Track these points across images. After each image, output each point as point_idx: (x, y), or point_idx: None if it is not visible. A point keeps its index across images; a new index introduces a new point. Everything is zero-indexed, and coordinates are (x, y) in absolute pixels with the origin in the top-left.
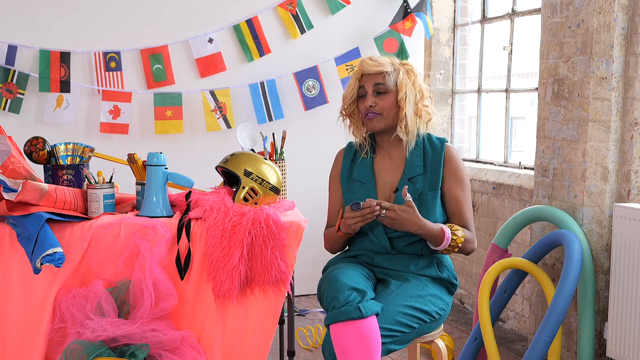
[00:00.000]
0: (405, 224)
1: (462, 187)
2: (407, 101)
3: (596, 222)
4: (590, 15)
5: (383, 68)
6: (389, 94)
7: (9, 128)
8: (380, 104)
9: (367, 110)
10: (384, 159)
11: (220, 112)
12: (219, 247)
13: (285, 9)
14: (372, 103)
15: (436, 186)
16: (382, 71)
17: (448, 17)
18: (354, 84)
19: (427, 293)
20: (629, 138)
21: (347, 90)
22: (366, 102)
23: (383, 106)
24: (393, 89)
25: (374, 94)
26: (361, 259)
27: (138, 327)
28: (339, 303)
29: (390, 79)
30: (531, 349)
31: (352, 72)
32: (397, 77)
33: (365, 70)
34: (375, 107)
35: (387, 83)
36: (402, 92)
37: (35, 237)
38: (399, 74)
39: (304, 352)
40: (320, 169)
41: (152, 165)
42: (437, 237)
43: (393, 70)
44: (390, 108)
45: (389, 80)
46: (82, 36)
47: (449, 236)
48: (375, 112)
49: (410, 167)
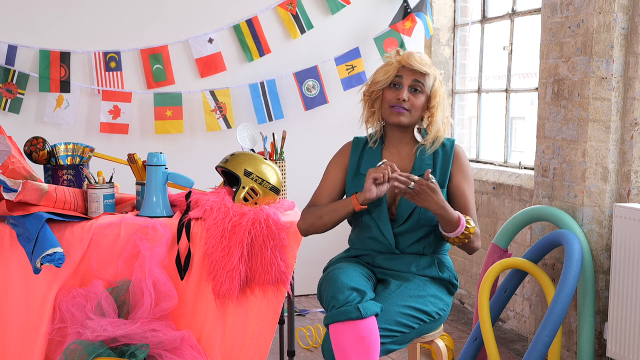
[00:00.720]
0: (428, 199)
1: (469, 183)
2: (439, 109)
3: (596, 222)
4: (590, 15)
5: (428, 69)
6: (422, 95)
7: (9, 128)
8: (413, 101)
9: (397, 102)
10: (392, 155)
11: (220, 112)
12: (219, 247)
13: (285, 9)
14: (406, 97)
15: (444, 183)
16: (426, 72)
17: (448, 17)
18: (392, 72)
19: (427, 293)
20: (629, 138)
21: (381, 74)
22: (400, 94)
23: (414, 104)
24: (427, 91)
25: (409, 90)
26: (362, 259)
27: (138, 327)
28: (339, 303)
29: (429, 82)
30: (531, 349)
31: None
32: (434, 82)
33: (410, 64)
34: (407, 102)
35: (425, 84)
36: (436, 100)
37: (35, 237)
38: (436, 80)
39: (304, 352)
40: (320, 169)
41: (152, 165)
42: (453, 221)
43: (432, 74)
44: (419, 108)
45: (427, 83)
46: (82, 36)
47: (464, 224)
48: (405, 107)
49: (420, 164)
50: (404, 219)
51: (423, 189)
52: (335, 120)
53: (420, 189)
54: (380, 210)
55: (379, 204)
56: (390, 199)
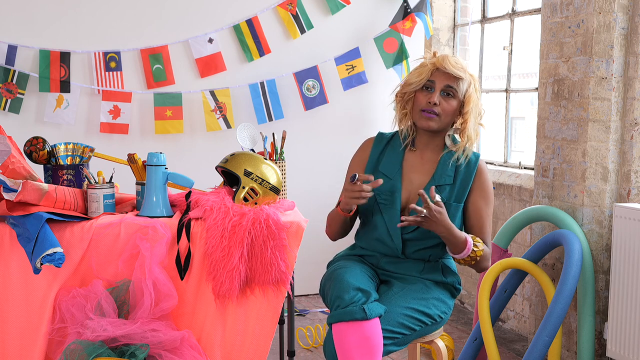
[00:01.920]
0: (435, 224)
1: (487, 203)
2: (471, 115)
3: (596, 222)
4: (590, 15)
5: (462, 73)
6: (455, 100)
7: (9, 128)
8: (444, 106)
9: (428, 106)
10: (416, 158)
11: (220, 112)
12: (219, 247)
13: (285, 9)
14: (437, 101)
15: (461, 199)
16: (460, 77)
17: (448, 17)
18: (425, 75)
19: (430, 296)
20: (629, 138)
21: (415, 76)
22: (431, 98)
23: (445, 108)
24: (460, 97)
25: (441, 94)
26: (367, 260)
27: (138, 327)
28: (344, 303)
29: (462, 87)
30: (531, 349)
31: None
32: (467, 87)
33: (444, 67)
34: (438, 106)
35: (458, 89)
36: (469, 106)
37: (35, 237)
38: (470, 86)
39: (304, 352)
40: (320, 169)
41: (152, 165)
42: (460, 244)
43: (466, 79)
44: (450, 113)
45: (461, 88)
46: (82, 36)
47: (471, 246)
48: (435, 112)
49: (441, 174)
50: (415, 227)
51: (431, 214)
52: (335, 120)
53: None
54: (392, 213)
55: (392, 206)
56: (405, 203)
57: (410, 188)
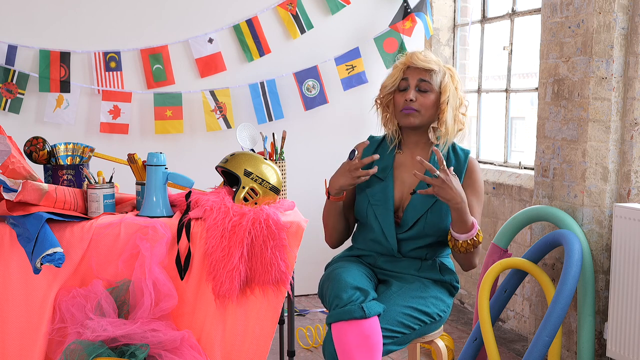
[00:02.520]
0: (451, 190)
1: (477, 200)
2: (448, 105)
3: (596, 222)
4: (590, 15)
5: (432, 66)
6: (431, 93)
7: (9, 128)
8: (421, 101)
9: (406, 104)
10: (406, 158)
11: (220, 112)
12: (219, 247)
13: (285, 9)
14: (413, 97)
15: None
16: (431, 69)
17: (448, 17)
18: (397, 75)
19: (428, 295)
20: (629, 138)
21: (389, 79)
22: (407, 95)
23: (423, 103)
24: (436, 89)
25: (416, 90)
26: (364, 260)
27: (138, 327)
28: (342, 302)
29: (436, 78)
30: (531, 349)
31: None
32: (442, 78)
33: (413, 64)
34: (415, 102)
35: (432, 82)
36: (445, 96)
37: (35, 237)
38: (445, 76)
39: (304, 352)
40: (320, 169)
41: (152, 165)
42: (468, 222)
43: (439, 70)
44: (429, 107)
45: (435, 80)
46: (82, 36)
47: (477, 229)
48: (413, 107)
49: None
50: (409, 226)
51: (447, 178)
52: (335, 120)
53: (445, 178)
54: (385, 214)
55: (385, 206)
56: (398, 203)
57: (402, 188)
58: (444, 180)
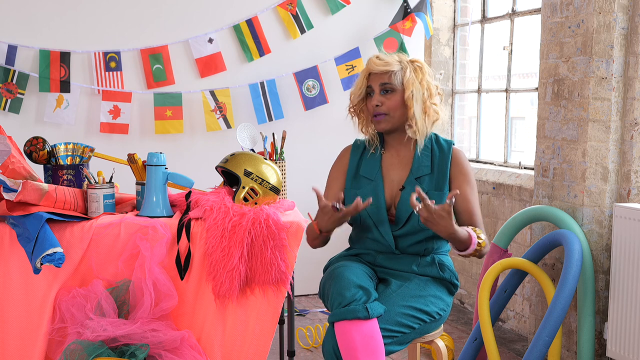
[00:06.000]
0: (435, 226)
1: (470, 186)
2: (414, 100)
3: (596, 222)
4: (590, 15)
5: (390, 67)
6: (395, 93)
7: (9, 128)
8: (387, 104)
9: (374, 110)
10: (392, 157)
11: (220, 112)
12: (219, 247)
13: (285, 9)
14: (378, 102)
15: (442, 187)
16: (389, 70)
17: (448, 17)
18: (361, 83)
19: (427, 293)
20: (629, 138)
21: (355, 88)
22: (372, 101)
23: (389, 106)
24: (399, 87)
25: (381, 93)
26: (363, 258)
27: (138, 327)
28: (346, 300)
29: (397, 77)
30: (531, 349)
31: (358, 70)
32: (403, 75)
33: (372, 69)
34: (381, 106)
35: (393, 82)
36: (409, 91)
37: (35, 237)
38: (406, 72)
39: (304, 352)
40: (320, 169)
41: (152, 165)
42: (464, 241)
43: (400, 69)
44: (397, 107)
45: (396, 79)
46: (82, 36)
47: (475, 240)
48: (382, 112)
49: (418, 166)
50: (403, 222)
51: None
52: (335, 120)
53: (428, 216)
54: (379, 212)
55: (377, 206)
56: (390, 201)
57: (392, 186)
58: (427, 219)
